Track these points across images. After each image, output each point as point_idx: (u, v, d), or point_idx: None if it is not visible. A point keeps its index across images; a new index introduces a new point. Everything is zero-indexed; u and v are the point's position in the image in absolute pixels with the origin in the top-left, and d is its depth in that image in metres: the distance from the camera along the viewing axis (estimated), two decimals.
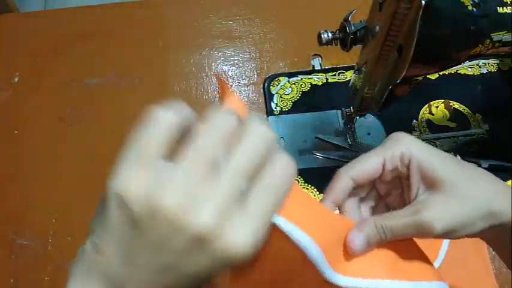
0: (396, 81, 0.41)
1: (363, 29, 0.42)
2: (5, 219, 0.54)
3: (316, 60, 0.65)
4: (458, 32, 0.40)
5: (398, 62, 0.40)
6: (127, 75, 0.63)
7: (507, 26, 0.41)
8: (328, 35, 0.43)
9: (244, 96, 0.63)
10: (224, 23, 0.70)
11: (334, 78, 0.63)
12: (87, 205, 0.55)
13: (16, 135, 0.60)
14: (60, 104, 0.63)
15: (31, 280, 0.51)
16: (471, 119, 0.59)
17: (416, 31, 0.37)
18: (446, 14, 0.40)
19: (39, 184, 0.56)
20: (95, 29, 0.70)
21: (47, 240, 0.53)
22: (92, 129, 0.60)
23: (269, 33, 0.69)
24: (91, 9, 0.73)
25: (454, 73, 0.62)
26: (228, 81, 0.65)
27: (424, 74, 0.43)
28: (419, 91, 0.58)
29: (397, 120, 0.59)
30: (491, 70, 0.63)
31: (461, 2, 0.40)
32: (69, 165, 0.57)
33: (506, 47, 0.42)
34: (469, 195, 0.30)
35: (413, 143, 0.32)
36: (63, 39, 0.69)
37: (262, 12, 0.71)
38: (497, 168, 0.54)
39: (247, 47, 0.68)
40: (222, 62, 0.67)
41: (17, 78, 0.65)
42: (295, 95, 0.62)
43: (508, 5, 0.41)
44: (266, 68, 0.65)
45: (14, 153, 0.59)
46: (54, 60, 0.67)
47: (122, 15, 0.71)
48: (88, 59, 0.67)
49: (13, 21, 0.72)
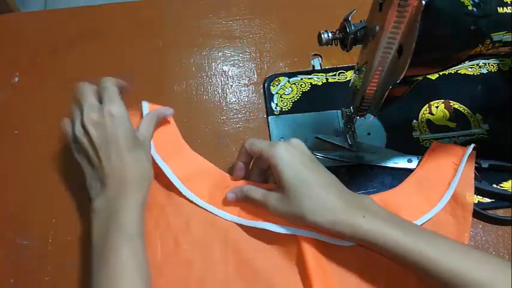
0: (396, 81, 0.41)
1: (363, 29, 0.42)
2: (5, 219, 0.54)
3: (316, 60, 0.65)
4: (458, 32, 0.40)
5: (398, 62, 0.40)
6: (127, 75, 0.63)
7: (507, 26, 0.41)
8: (328, 35, 0.43)
9: (244, 96, 0.63)
10: (224, 23, 0.70)
11: (334, 78, 0.63)
12: (87, 205, 0.55)
13: (16, 135, 0.60)
14: (60, 104, 0.62)
15: (31, 280, 0.51)
16: (471, 119, 0.59)
17: (416, 31, 0.37)
18: (446, 14, 0.40)
19: (39, 184, 0.56)
20: (95, 29, 0.70)
21: (47, 240, 0.53)
22: None
23: (269, 33, 0.69)
24: (91, 9, 0.73)
25: (454, 73, 0.63)
26: (228, 81, 0.65)
27: (424, 74, 0.43)
28: (419, 91, 0.58)
29: (397, 120, 0.59)
30: (491, 70, 0.63)
31: (461, 2, 0.40)
32: (69, 165, 0.57)
33: (506, 47, 0.42)
34: (291, 201, 0.45)
35: (284, 153, 0.46)
36: (63, 39, 0.69)
37: (262, 12, 0.71)
38: (498, 168, 0.54)
39: (247, 47, 0.68)
40: (222, 62, 0.67)
41: (17, 78, 0.65)
42: (295, 95, 0.62)
43: (508, 5, 0.41)
44: (266, 68, 0.65)
45: (14, 153, 0.59)
46: (54, 60, 0.67)
47: (122, 15, 0.71)
48: (88, 59, 0.67)
49: (13, 21, 0.72)
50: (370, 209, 0.44)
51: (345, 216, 0.43)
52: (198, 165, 0.55)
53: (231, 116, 0.61)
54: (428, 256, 0.40)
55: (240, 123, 0.61)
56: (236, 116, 0.61)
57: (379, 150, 0.56)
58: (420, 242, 0.41)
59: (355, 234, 0.43)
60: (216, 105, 0.62)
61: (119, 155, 0.46)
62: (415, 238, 0.41)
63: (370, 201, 0.46)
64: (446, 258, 0.40)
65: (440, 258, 0.40)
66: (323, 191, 0.44)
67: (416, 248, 0.41)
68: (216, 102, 0.63)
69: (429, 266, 0.40)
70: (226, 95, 0.63)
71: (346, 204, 0.44)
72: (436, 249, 0.41)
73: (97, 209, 0.46)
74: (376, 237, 0.42)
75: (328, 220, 0.43)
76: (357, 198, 0.46)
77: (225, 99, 0.63)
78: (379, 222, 0.42)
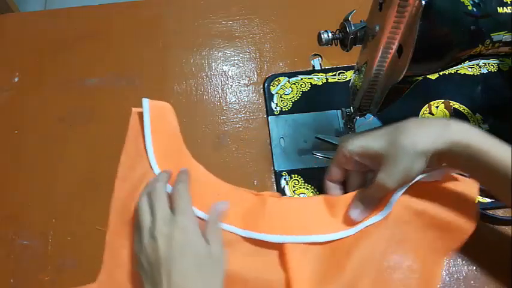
0: (396, 81, 0.41)
1: (363, 29, 0.42)
2: (5, 219, 0.54)
3: (316, 60, 0.65)
4: (458, 32, 0.40)
5: (398, 62, 0.40)
6: (127, 75, 0.63)
7: (507, 26, 0.41)
8: (328, 35, 0.43)
9: (244, 96, 0.63)
10: (224, 23, 0.70)
11: (334, 78, 0.63)
12: (87, 205, 0.56)
13: (16, 135, 0.60)
14: (60, 104, 0.63)
15: (31, 280, 0.51)
16: (471, 119, 0.59)
17: (416, 31, 0.37)
18: (446, 14, 0.40)
19: (39, 184, 0.56)
20: (94, 29, 0.70)
21: (47, 240, 0.53)
22: (92, 129, 0.60)
23: (269, 33, 0.69)
24: (91, 9, 0.73)
25: (454, 73, 0.63)
26: (228, 81, 0.65)
27: (424, 74, 0.43)
28: (419, 91, 0.58)
29: (397, 120, 0.58)
30: (491, 70, 0.63)
31: (461, 2, 0.40)
32: (69, 165, 0.57)
33: (506, 47, 0.42)
34: (396, 153, 0.43)
35: (349, 144, 0.46)
36: (63, 39, 0.69)
37: (262, 12, 0.71)
38: None
39: (247, 47, 0.68)
40: (222, 62, 0.67)
41: (17, 78, 0.65)
42: (295, 95, 0.62)
43: (508, 5, 0.41)
44: (266, 68, 0.65)
45: (14, 153, 0.59)
46: (54, 60, 0.67)
47: (122, 15, 0.71)
48: (88, 59, 0.67)
49: (13, 21, 0.72)
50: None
51: (446, 136, 0.41)
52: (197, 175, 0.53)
53: (231, 116, 0.61)
54: None
55: (240, 123, 0.61)
56: (236, 116, 0.61)
57: None
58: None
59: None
60: (216, 105, 0.62)
61: (183, 274, 0.42)
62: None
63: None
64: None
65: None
66: (413, 129, 0.43)
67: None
68: (216, 102, 0.63)
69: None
70: (226, 95, 0.63)
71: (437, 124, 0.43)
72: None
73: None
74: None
75: (439, 143, 0.41)
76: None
77: (225, 99, 0.63)
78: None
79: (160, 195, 0.47)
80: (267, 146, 0.58)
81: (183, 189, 0.48)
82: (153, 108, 0.55)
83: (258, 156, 0.57)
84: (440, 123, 0.42)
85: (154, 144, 0.53)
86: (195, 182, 0.51)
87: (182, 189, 0.48)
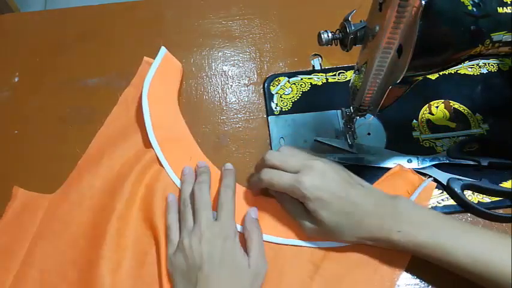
0: (396, 81, 0.41)
1: (363, 29, 0.42)
2: None
3: (316, 60, 0.65)
4: (458, 32, 0.40)
5: (398, 62, 0.40)
6: (127, 75, 0.63)
7: (507, 26, 0.41)
8: (328, 35, 0.43)
9: (244, 96, 0.63)
10: (224, 23, 0.70)
11: (334, 78, 0.63)
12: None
13: (16, 135, 0.60)
14: (60, 104, 0.63)
15: None
16: (471, 119, 0.59)
17: (416, 31, 0.37)
18: (446, 14, 0.40)
19: (39, 184, 0.56)
20: (95, 29, 0.70)
21: None
22: (92, 129, 0.60)
23: (269, 33, 0.69)
24: (91, 9, 0.73)
25: (454, 73, 0.62)
26: (228, 81, 0.65)
27: (424, 74, 0.43)
28: (419, 91, 0.59)
29: (397, 120, 0.59)
30: (491, 70, 0.63)
31: (461, 2, 0.40)
32: (69, 165, 0.57)
33: (506, 47, 0.42)
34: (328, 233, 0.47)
35: (314, 192, 0.45)
36: (63, 39, 0.69)
37: (262, 12, 0.71)
38: (497, 166, 0.54)
39: (247, 47, 0.68)
40: (222, 62, 0.67)
41: (17, 78, 0.65)
42: (295, 95, 0.62)
43: (508, 5, 0.41)
44: (266, 68, 0.65)
45: (14, 153, 0.59)
46: (54, 60, 0.67)
47: (122, 15, 0.71)
48: (88, 59, 0.67)
49: (13, 21, 0.72)
50: (404, 216, 0.45)
51: (381, 235, 0.45)
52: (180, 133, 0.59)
53: (231, 116, 0.61)
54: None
55: (240, 123, 0.61)
56: (236, 116, 0.61)
57: (379, 151, 0.56)
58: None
59: (397, 248, 0.45)
60: (216, 105, 0.62)
61: (220, 283, 0.43)
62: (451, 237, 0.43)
63: (405, 204, 0.46)
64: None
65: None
66: (357, 222, 0.45)
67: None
68: (216, 102, 0.63)
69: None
70: (226, 95, 0.63)
71: (383, 221, 0.45)
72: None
73: None
74: (420, 250, 0.44)
75: (368, 237, 0.46)
76: (392, 206, 0.46)
77: (225, 99, 0.63)
78: (414, 234, 0.43)
79: (204, 198, 0.48)
80: (267, 146, 0.58)
81: (227, 197, 0.49)
82: (164, 62, 0.61)
83: (258, 156, 0.57)
84: (387, 225, 0.45)
85: (149, 97, 0.57)
86: (177, 141, 0.57)
87: (227, 197, 0.49)
